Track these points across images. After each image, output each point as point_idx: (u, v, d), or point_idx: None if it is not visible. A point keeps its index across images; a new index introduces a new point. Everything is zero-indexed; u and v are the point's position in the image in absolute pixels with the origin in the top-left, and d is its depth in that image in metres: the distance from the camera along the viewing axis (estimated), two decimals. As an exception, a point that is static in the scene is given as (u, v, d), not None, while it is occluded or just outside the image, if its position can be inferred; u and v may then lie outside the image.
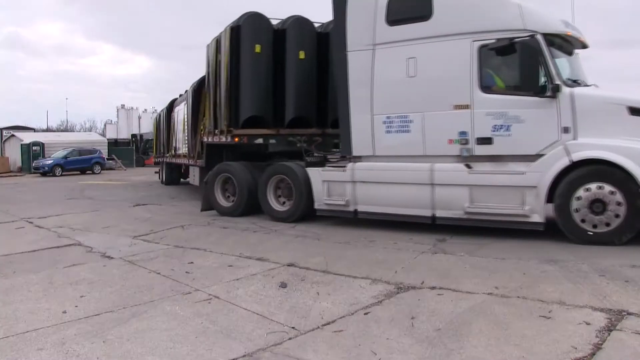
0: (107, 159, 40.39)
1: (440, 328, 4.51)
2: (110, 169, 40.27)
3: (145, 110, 67.67)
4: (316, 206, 10.16)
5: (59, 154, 36.20)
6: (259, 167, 11.68)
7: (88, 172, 36.23)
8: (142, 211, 13.42)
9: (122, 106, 69.41)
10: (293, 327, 4.67)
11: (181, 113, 17.85)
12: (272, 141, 11.89)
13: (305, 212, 10.42)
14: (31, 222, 11.69)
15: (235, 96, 11.61)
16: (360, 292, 5.68)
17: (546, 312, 4.77)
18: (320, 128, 12.29)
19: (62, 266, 7.32)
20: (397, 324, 4.66)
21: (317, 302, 5.37)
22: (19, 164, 39.76)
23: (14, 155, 40.97)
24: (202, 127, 13.95)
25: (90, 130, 78.16)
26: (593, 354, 3.85)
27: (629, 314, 4.64)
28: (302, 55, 11.72)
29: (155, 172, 26.10)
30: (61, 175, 34.01)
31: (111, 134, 60.16)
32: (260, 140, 11.81)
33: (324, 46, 11.93)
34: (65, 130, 75.01)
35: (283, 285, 6.02)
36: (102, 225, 11.09)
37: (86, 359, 4.12)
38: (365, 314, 4.97)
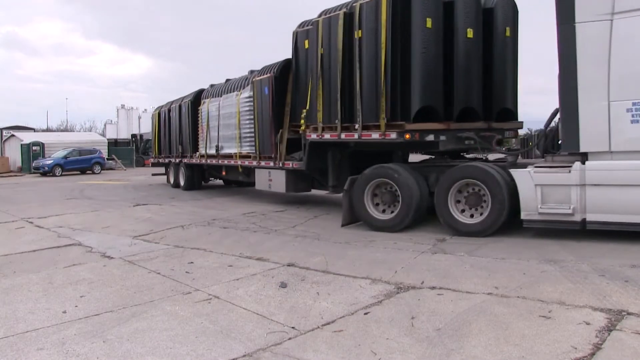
0: (107, 159, 40.35)
1: (440, 328, 4.51)
2: (110, 169, 40.25)
3: (145, 110, 67.68)
4: (524, 216, 8.22)
5: (59, 154, 36.16)
6: (422, 169, 9.80)
7: (88, 172, 36.22)
8: (142, 211, 13.42)
9: (122, 106, 69.54)
10: (293, 327, 4.67)
11: (232, 106, 15.17)
12: (442, 138, 9.70)
13: (503, 224, 8.49)
14: (31, 222, 11.69)
15: (402, 82, 9.41)
16: (360, 292, 5.68)
17: (546, 312, 4.77)
18: (486, 121, 10.36)
19: (62, 266, 7.33)
20: (397, 323, 4.66)
21: (317, 302, 5.37)
22: (19, 164, 39.73)
23: (14, 155, 40.92)
24: (302, 121, 11.68)
25: (90, 130, 78.15)
26: (593, 354, 3.85)
27: (629, 313, 4.64)
28: (470, 33, 9.85)
29: (154, 175, 24.10)
30: (61, 175, 33.99)
31: (111, 134, 60.23)
32: (431, 137, 9.59)
33: (488, 24, 10.26)
34: (65, 130, 75.03)
35: (283, 285, 6.02)
36: (102, 225, 11.09)
37: (86, 359, 4.13)
38: (365, 313, 4.97)
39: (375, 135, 9.72)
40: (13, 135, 43.27)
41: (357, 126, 10.00)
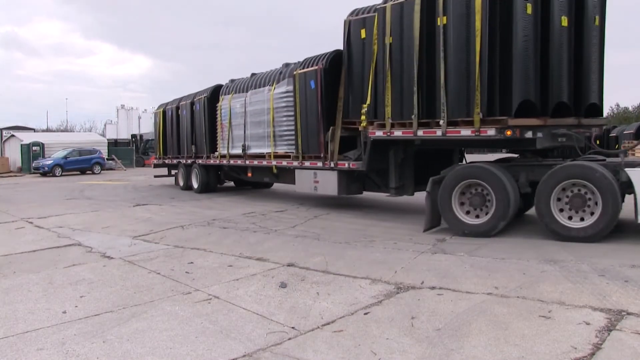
0: (107, 159, 40.39)
1: (440, 328, 4.51)
2: (110, 169, 40.28)
3: (145, 110, 67.76)
4: None
5: (59, 154, 36.19)
6: (511, 169, 8.99)
7: (88, 172, 36.24)
8: (142, 211, 13.42)
9: (122, 106, 69.61)
10: (293, 327, 4.67)
11: (262, 102, 14.09)
12: (539, 134, 8.82)
13: (610, 228, 7.80)
14: (31, 222, 11.69)
15: (501, 73, 8.52)
16: (360, 292, 5.68)
17: (546, 312, 4.77)
18: (576, 117, 9.52)
19: (62, 266, 7.33)
20: (397, 324, 4.66)
21: (317, 302, 5.37)
22: (19, 164, 39.76)
23: (13, 155, 40.95)
24: (363, 117, 10.67)
25: (90, 131, 78.22)
26: (593, 354, 3.85)
27: (629, 313, 4.64)
28: (564, 22, 9.13)
29: (157, 176, 22.90)
30: (61, 175, 34.02)
31: (111, 134, 60.31)
32: (529, 134, 8.70)
33: (579, 12, 9.47)
34: (65, 130, 75.09)
35: (283, 285, 6.02)
36: (102, 225, 11.09)
37: (86, 359, 4.13)
38: (365, 314, 4.97)
39: (465, 132, 8.77)
40: (13, 136, 43.30)
41: (440, 122, 9.04)
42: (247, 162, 15.27)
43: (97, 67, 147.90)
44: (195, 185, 18.50)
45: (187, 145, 18.95)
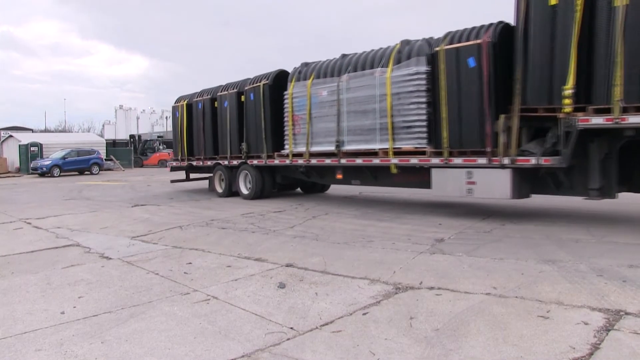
0: (106, 160, 40.42)
1: (438, 328, 4.51)
2: (109, 169, 40.30)
3: (144, 110, 67.83)
4: None
5: (57, 154, 36.21)
6: None
7: (86, 172, 36.26)
8: (140, 212, 13.41)
9: (121, 107, 69.65)
10: (291, 328, 4.67)
11: (369, 87, 11.76)
12: None
13: None
14: (29, 223, 11.68)
15: None
16: (358, 292, 5.68)
17: (544, 312, 4.78)
18: None
19: (61, 267, 7.32)
20: (395, 324, 4.66)
21: (316, 303, 5.37)
22: (17, 164, 39.75)
23: (12, 156, 40.93)
24: (567, 101, 8.66)
25: (89, 131, 78.29)
26: (591, 354, 3.85)
27: (627, 313, 4.64)
28: None
29: (174, 181, 19.74)
30: (59, 176, 34.05)
31: (109, 135, 60.39)
32: None
33: None
34: (64, 130, 75.14)
35: (281, 285, 6.02)
36: (101, 225, 11.09)
37: (84, 359, 4.12)
38: (364, 314, 4.97)
39: None
40: (11, 136, 43.31)
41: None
42: (345, 161, 12.58)
43: (95, 67, 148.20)
44: (244, 190, 15.93)
45: (231, 144, 16.13)
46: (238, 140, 15.78)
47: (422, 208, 12.34)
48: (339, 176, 13.45)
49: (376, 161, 11.77)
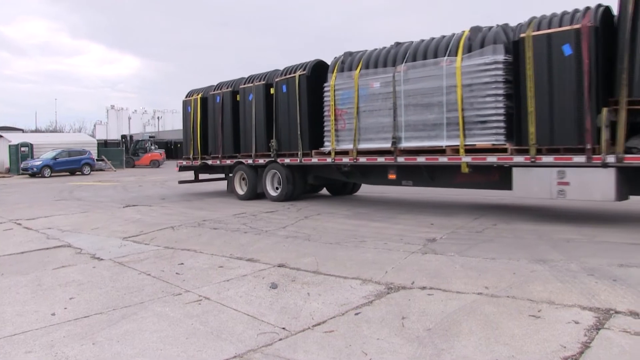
0: (97, 160, 40.25)
1: (430, 328, 4.52)
2: (100, 170, 40.14)
3: (135, 110, 67.65)
4: None
5: (48, 155, 36.03)
6: None
7: (77, 173, 36.11)
8: (132, 212, 13.36)
9: (112, 107, 69.47)
10: (284, 328, 4.66)
11: (433, 79, 10.70)
12: None
13: None
14: (19, 224, 11.61)
15: None
16: (350, 292, 5.69)
17: (535, 312, 4.80)
18: None
19: (51, 268, 7.28)
20: (387, 324, 4.67)
21: (308, 303, 5.36)
22: (7, 165, 39.51)
23: (2, 156, 40.66)
24: None
25: (80, 131, 77.91)
26: (582, 353, 3.87)
27: (617, 312, 4.67)
28: None
29: (182, 182, 18.46)
30: (50, 176, 33.89)
31: (101, 135, 60.25)
32: None
33: None
34: (55, 131, 74.80)
35: (274, 286, 6.01)
36: (92, 226, 11.03)
37: (75, 361, 4.10)
38: (356, 314, 4.97)
39: None
40: (1, 136, 42.98)
41: None
42: (403, 159, 11.36)
43: (86, 67, 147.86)
44: (271, 191, 14.69)
45: (256, 140, 14.81)
46: (265, 137, 14.52)
47: (414, 208, 12.36)
48: (392, 176, 12.09)
49: (443, 159, 10.64)
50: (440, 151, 10.70)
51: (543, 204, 11.95)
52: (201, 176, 18.22)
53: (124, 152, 47.16)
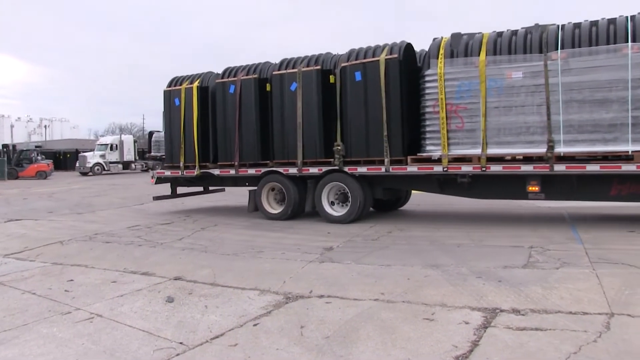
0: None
1: (329, 336, 4.57)
2: (-22, 182, 37.33)
3: (19, 118, 63.66)
4: None
5: None
6: None
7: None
8: (15, 227, 12.51)
9: (-8, 114, 64.94)
10: (181, 343, 4.54)
11: (617, 69, 8.81)
12: None
13: None
14: None
15: None
16: (249, 303, 5.64)
17: (429, 315, 4.99)
18: None
19: None
20: (286, 333, 4.67)
21: (206, 316, 5.26)
22: None
23: None
24: None
25: (-46, 140, 72.05)
26: (471, 351, 4.07)
27: (502, 310, 4.97)
28: None
29: (157, 198, 14.92)
30: None
31: (-22, 145, 55.98)
32: None
33: None
34: None
35: (170, 299, 5.85)
36: (-31, 243, 10.22)
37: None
38: (255, 325, 4.94)
39: None
40: None
41: None
42: (563, 167, 9.27)
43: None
44: (329, 209, 11.45)
45: (304, 143, 11.53)
46: (320, 139, 11.42)
47: (312, 218, 12.46)
48: (534, 188, 9.73)
49: (629, 167, 8.80)
50: (617, 157, 9.04)
51: (433, 211, 12.46)
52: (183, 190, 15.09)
53: (6, 162, 44.17)
